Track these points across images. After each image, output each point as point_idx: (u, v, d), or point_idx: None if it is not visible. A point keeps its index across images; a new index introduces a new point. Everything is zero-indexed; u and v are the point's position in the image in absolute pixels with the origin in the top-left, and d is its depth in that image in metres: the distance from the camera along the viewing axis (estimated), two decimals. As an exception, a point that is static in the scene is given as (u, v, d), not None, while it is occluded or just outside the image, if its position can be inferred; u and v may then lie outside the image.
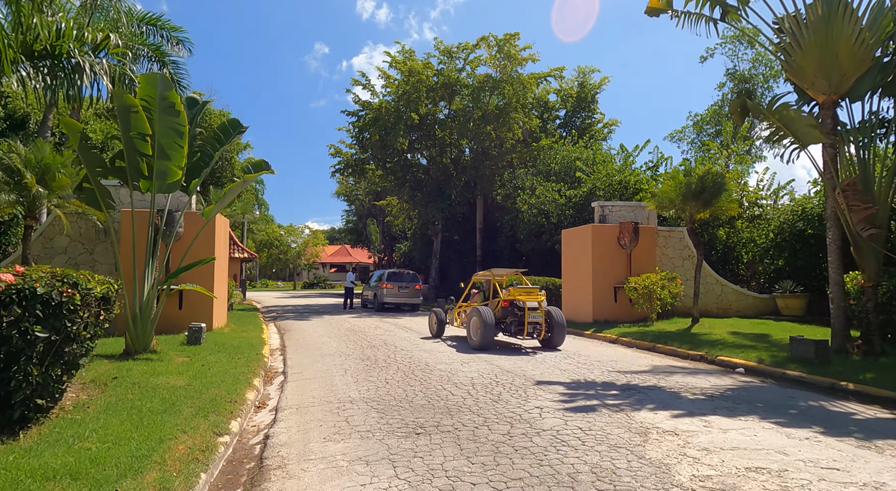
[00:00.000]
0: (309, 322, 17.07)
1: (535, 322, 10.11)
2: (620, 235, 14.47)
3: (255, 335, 12.19)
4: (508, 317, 10.53)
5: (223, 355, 8.65)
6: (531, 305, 10.14)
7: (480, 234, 29.41)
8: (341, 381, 7.43)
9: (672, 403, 6.01)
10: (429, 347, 10.67)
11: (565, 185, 23.39)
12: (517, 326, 10.25)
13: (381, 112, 25.08)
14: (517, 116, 25.52)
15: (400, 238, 44.81)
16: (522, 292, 10.42)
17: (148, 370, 6.89)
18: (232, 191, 8.51)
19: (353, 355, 9.77)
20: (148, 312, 7.98)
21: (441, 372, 7.93)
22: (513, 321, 10.39)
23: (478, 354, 9.67)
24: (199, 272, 12.35)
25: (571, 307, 15.53)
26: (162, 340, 10.18)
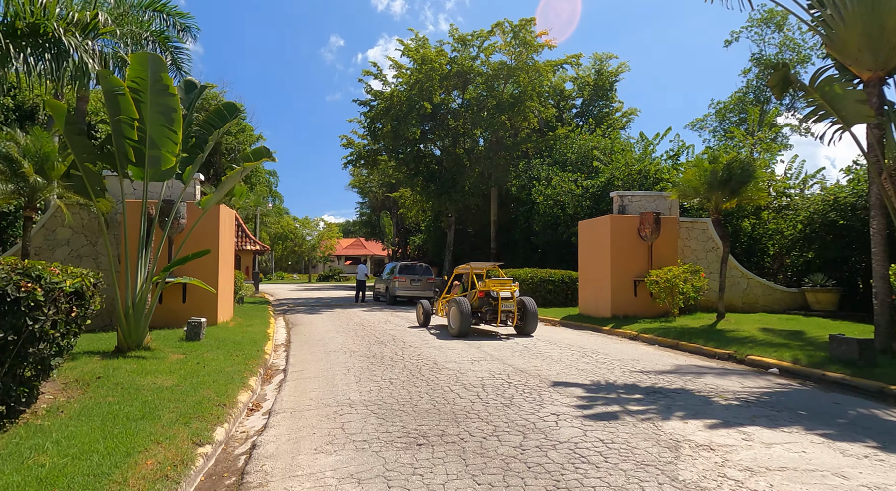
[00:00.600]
0: (319, 316, 16.69)
1: (507, 310, 11.08)
2: (641, 226, 13.79)
3: (260, 330, 11.80)
4: (484, 306, 11.50)
5: (221, 352, 8.24)
6: (504, 295, 11.10)
7: (494, 227, 28.84)
8: (343, 380, 6.96)
9: (703, 409, 5.43)
10: (438, 344, 10.17)
11: (582, 176, 22.67)
12: (492, 315, 11.32)
13: (392, 101, 24.54)
14: (532, 105, 24.79)
15: (414, 231, 44.38)
16: (497, 283, 11.30)
17: (136, 369, 6.48)
18: (231, 179, 8.07)
19: (359, 352, 9.31)
20: (141, 307, 7.59)
21: (450, 371, 7.42)
22: (488, 310, 11.42)
23: (489, 353, 9.15)
24: (202, 265, 11.99)
25: (589, 302, 14.91)
26: (160, 335, 9.83)
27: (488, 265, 12.37)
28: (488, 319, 11.38)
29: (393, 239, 49.67)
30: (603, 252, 14.19)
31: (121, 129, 6.98)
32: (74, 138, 6.86)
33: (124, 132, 6.97)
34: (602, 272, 14.21)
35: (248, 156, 8.24)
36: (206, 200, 8.08)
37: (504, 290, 11.15)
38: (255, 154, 8.31)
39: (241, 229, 29.24)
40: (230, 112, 8.46)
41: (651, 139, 21.40)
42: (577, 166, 24.08)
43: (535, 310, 11.17)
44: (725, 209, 13.29)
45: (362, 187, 52.81)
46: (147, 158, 7.38)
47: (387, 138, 25.93)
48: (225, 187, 8.11)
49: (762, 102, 26.28)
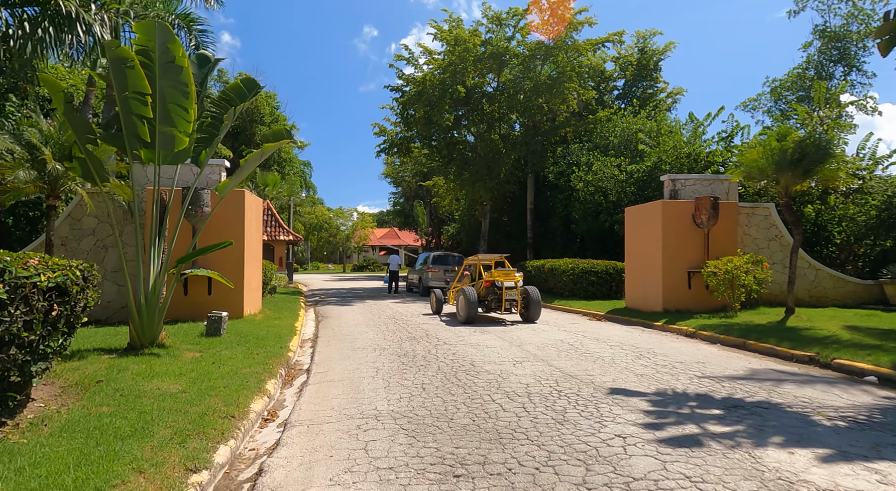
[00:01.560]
0: (350, 308, 16.11)
1: (511, 299, 11.80)
2: (696, 212, 12.57)
3: (287, 324, 11.23)
4: (490, 295, 12.16)
5: (241, 350, 7.63)
6: (508, 284, 11.80)
7: (531, 215, 27.70)
8: (370, 385, 6.22)
9: (806, 433, 4.43)
10: (476, 341, 9.35)
11: (626, 160, 21.34)
12: (496, 303, 11.99)
13: (425, 86, 23.64)
14: (572, 86, 23.49)
15: (447, 220, 43.58)
16: (502, 274, 11.97)
17: (143, 371, 5.88)
18: (250, 162, 7.39)
19: (389, 350, 8.58)
20: (154, 302, 7.02)
21: (489, 375, 6.58)
22: (493, 299, 12.08)
23: (531, 353, 8.26)
24: (227, 256, 11.48)
25: (637, 294, 13.80)
26: (181, 329, 9.32)
27: (495, 256, 13.01)
28: (493, 306, 12.12)
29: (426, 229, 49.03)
30: (653, 241, 13.05)
31: (129, 105, 6.35)
32: (74, 117, 6.28)
33: (133, 109, 6.34)
34: (652, 263, 13.08)
35: (266, 137, 7.53)
36: (224, 186, 7.44)
37: (508, 279, 11.84)
38: (275, 135, 7.61)
39: (273, 219, 29.02)
40: (249, 88, 7.76)
41: (702, 120, 19.88)
42: (619, 151, 22.72)
43: (538, 298, 11.77)
44: (793, 193, 11.96)
45: (395, 177, 52.27)
46: (158, 138, 6.75)
47: (419, 125, 25.07)
48: (244, 171, 7.44)
49: (825, 78, 24.22)
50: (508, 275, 11.94)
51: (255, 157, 7.40)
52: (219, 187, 7.46)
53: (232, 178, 7.43)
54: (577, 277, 17.26)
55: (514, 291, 11.76)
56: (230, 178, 7.41)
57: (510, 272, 12.05)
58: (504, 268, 12.74)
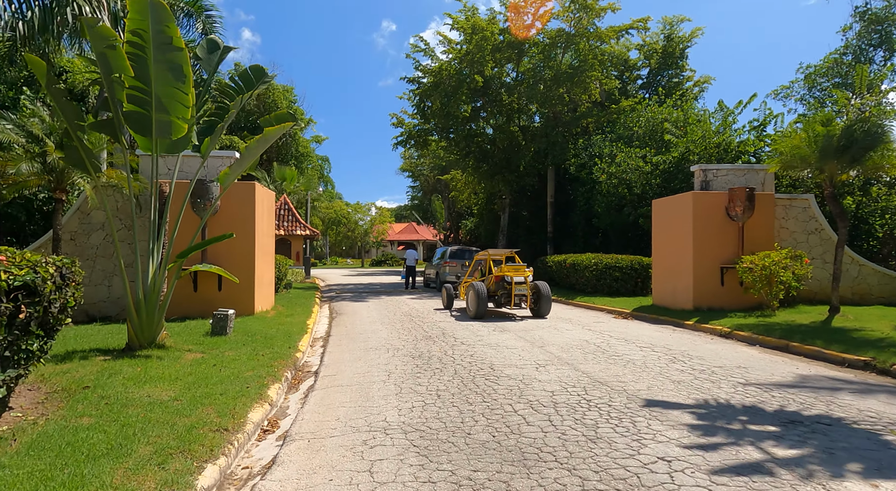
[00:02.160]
0: (365, 304, 15.69)
1: (521, 294, 11.64)
2: (730, 204, 11.81)
3: (299, 321, 10.82)
4: (499, 290, 12.03)
5: (247, 350, 7.20)
6: (517, 279, 11.66)
7: (551, 209, 26.92)
8: (380, 390, 5.72)
9: (886, 459, 3.78)
10: (495, 341, 8.80)
11: (651, 150, 20.50)
12: (506, 298, 11.85)
13: (441, 76, 23.05)
14: (594, 75, 22.67)
15: (466, 214, 42.99)
16: (511, 269, 11.87)
17: (137, 375, 5.47)
18: (251, 150, 6.93)
19: (403, 350, 8.08)
20: (154, 299, 6.61)
21: (510, 380, 6.04)
22: (503, 294, 11.94)
23: (555, 354, 7.69)
24: (236, 250, 11.11)
25: (665, 291, 13.09)
26: (187, 327, 8.94)
27: (505, 251, 13.21)
28: (503, 302, 11.98)
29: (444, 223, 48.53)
30: (683, 235, 12.32)
31: (115, 89, 5.92)
32: (63, 102, 5.88)
33: (118, 93, 5.91)
34: (682, 258, 12.36)
35: (269, 121, 7.06)
36: (225, 175, 6.99)
37: (518, 275, 11.75)
38: (278, 118, 7.13)
39: (290, 214, 28.80)
40: (257, 76, 7.31)
41: (732, 108, 18.95)
42: (644, 141, 21.86)
43: (548, 293, 11.74)
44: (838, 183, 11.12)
45: (413, 171, 51.84)
46: (154, 125, 6.32)
47: (436, 116, 24.49)
48: (246, 159, 6.98)
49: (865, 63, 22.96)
50: (518, 270, 11.91)
51: (257, 144, 6.94)
52: (220, 177, 7.02)
53: (233, 167, 6.98)
54: (600, 273, 16.58)
55: (524, 286, 11.70)
56: (231, 167, 6.96)
57: (520, 267, 12.02)
58: (514, 263, 12.76)
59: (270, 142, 7.14)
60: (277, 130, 6.91)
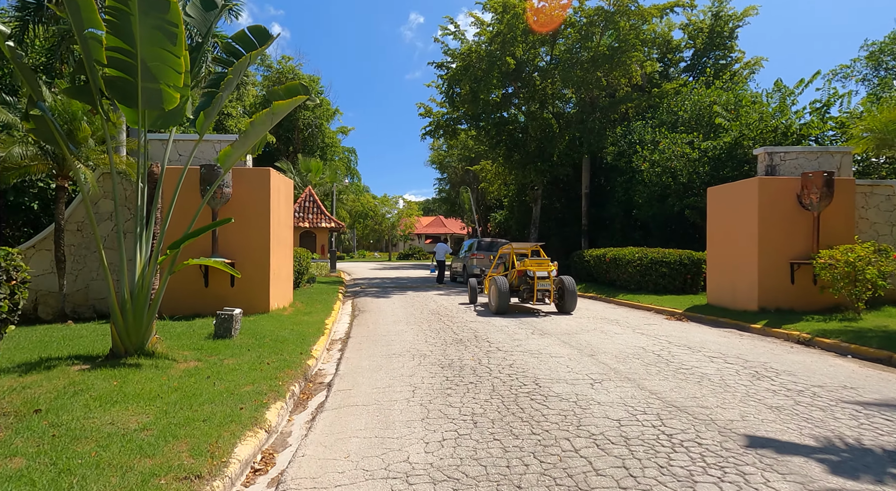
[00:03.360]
0: (390, 300, 14.71)
1: (544, 289, 11.26)
2: (804, 191, 10.35)
3: (317, 320, 9.88)
4: (522, 285, 11.73)
5: (251, 357, 6.25)
6: (541, 274, 11.26)
7: (586, 200, 25.48)
8: (403, 413, 4.67)
9: None
10: (535, 347, 7.66)
11: (699, 136, 18.91)
12: (528, 293, 11.50)
13: (471, 59, 21.84)
14: (635, 55, 21.10)
15: (495, 207, 41.71)
16: (534, 263, 11.50)
17: (109, 392, 4.54)
18: (257, 126, 5.92)
19: (431, 357, 7.02)
20: (142, 297, 5.70)
21: (562, 401, 4.91)
22: (525, 289, 11.60)
23: (611, 366, 6.51)
24: (249, 242, 10.23)
25: (722, 289, 11.71)
26: (190, 328, 8.05)
27: (530, 245, 12.87)
28: (525, 297, 11.63)
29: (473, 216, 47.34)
30: (746, 226, 10.91)
31: (90, 48, 4.98)
32: (21, 64, 4.97)
33: (94, 53, 4.96)
34: (745, 252, 10.95)
35: (277, 93, 6.05)
36: (225, 154, 6.01)
37: (541, 269, 11.35)
38: (287, 91, 6.11)
39: (315, 206, 28.07)
40: (259, 38, 6.29)
41: (792, 88, 17.23)
42: (690, 126, 20.26)
43: (573, 289, 11.36)
44: None
45: (441, 163, 50.68)
46: (140, 94, 5.36)
47: (466, 103, 23.30)
48: (251, 137, 5.99)
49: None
50: (542, 264, 11.50)
51: (264, 119, 5.93)
52: (219, 156, 6.04)
53: (235, 146, 6.00)
54: (645, 269, 15.21)
55: (547, 281, 11.28)
56: (232, 145, 5.98)
57: (543, 261, 11.63)
58: (539, 257, 12.35)
59: (279, 117, 6.12)
60: (288, 105, 5.89)
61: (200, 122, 5.96)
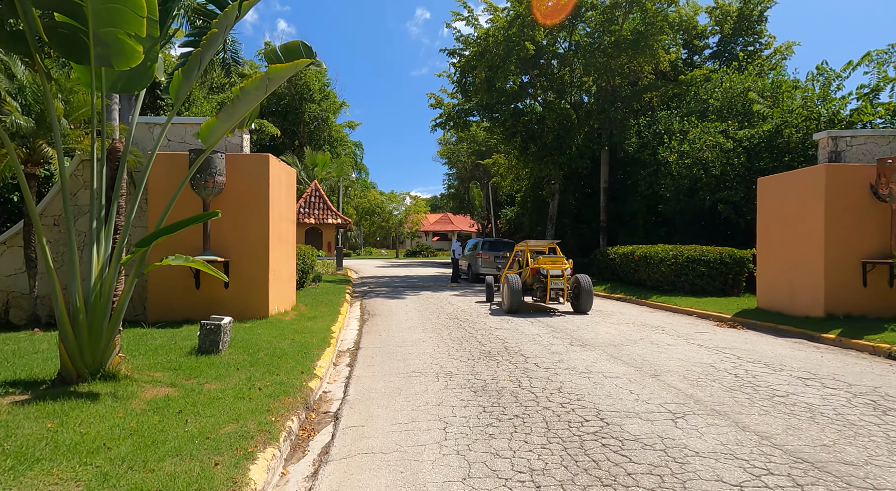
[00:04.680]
0: (402, 302, 13.49)
1: (557, 288, 11.00)
2: (880, 181, 9.01)
3: (322, 327, 8.69)
4: (535, 283, 11.46)
5: (240, 379, 5.04)
6: (554, 272, 11.01)
7: (605, 195, 24.11)
8: (436, 471, 3.44)
9: None
10: (581, 362, 6.42)
11: (734, 125, 17.54)
12: (542, 292, 11.22)
13: (488, 44, 20.55)
14: (663, 39, 19.75)
15: (506, 203, 40.39)
16: (548, 261, 11.23)
17: (35, 440, 3.33)
18: (248, 93, 4.70)
19: (459, 377, 5.80)
20: (100, 306, 4.51)
21: (648, 453, 3.67)
22: (538, 287, 11.34)
23: (687, 393, 5.26)
24: (246, 238, 9.05)
25: (777, 291, 10.41)
26: (171, 339, 6.86)
27: (545, 242, 12.66)
28: (539, 295, 11.43)
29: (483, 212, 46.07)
30: (809, 220, 9.60)
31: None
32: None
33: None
34: (807, 249, 9.65)
35: (274, 54, 4.83)
36: (208, 127, 4.79)
37: (554, 267, 11.13)
38: (286, 52, 4.91)
39: (321, 201, 26.85)
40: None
41: (839, 71, 15.83)
42: (721, 115, 18.89)
43: (589, 288, 11.09)
44: None
45: (450, 157, 49.44)
46: (93, 45, 4.15)
47: (480, 92, 22.01)
48: (239, 108, 4.77)
49: None
50: (556, 262, 11.24)
51: (257, 85, 4.71)
52: (200, 130, 4.82)
53: (221, 117, 4.78)
54: (680, 268, 13.91)
55: (561, 280, 11.02)
56: (217, 115, 4.76)
57: (557, 260, 11.35)
58: (554, 255, 12.08)
59: (276, 84, 4.90)
60: (286, 69, 4.66)
61: (176, 86, 4.75)
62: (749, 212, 16.46)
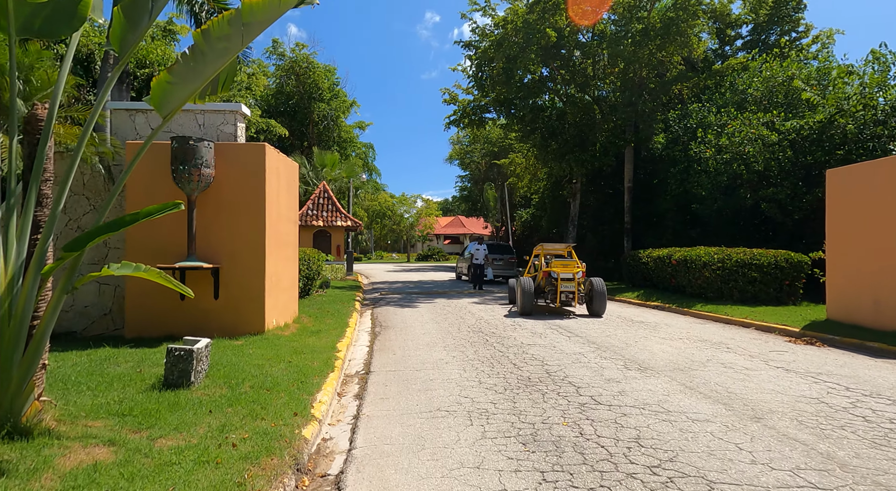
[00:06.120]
0: (417, 311, 12.17)
1: (567, 291, 11.13)
2: None
3: (327, 344, 7.39)
4: (548, 286, 11.62)
5: (210, 427, 3.75)
6: (564, 275, 11.19)
7: (629, 194, 22.57)
8: None
9: None
10: (649, 396, 5.04)
11: (779, 115, 16.03)
12: (552, 295, 11.38)
13: (506, 31, 19.23)
14: (696, 24, 18.30)
15: (521, 204, 38.95)
16: (559, 264, 11.45)
17: None
18: (213, 42, 3.43)
19: (498, 419, 4.45)
20: (8, 336, 3.23)
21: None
22: (550, 290, 11.52)
23: (818, 449, 3.87)
24: (239, 239, 7.79)
25: (857, 300, 8.94)
26: (137, 364, 5.57)
27: (561, 246, 12.84)
28: (550, 298, 11.60)
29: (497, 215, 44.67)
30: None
31: None
32: None
33: None
34: (891, 252, 8.19)
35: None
36: (161, 87, 3.50)
37: (566, 271, 11.31)
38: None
39: (330, 202, 25.65)
40: None
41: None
42: (762, 105, 17.40)
43: (603, 290, 11.15)
44: None
45: (462, 158, 48.14)
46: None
47: (497, 85, 20.69)
48: (207, 60, 3.50)
49: None
50: (567, 266, 11.48)
51: (223, 31, 3.43)
52: (152, 93, 3.53)
53: (176, 73, 3.48)
54: (727, 274, 12.44)
55: (572, 283, 11.20)
56: (171, 70, 3.47)
57: (569, 263, 11.62)
58: (569, 258, 12.32)
59: (253, 32, 3.62)
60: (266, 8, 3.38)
61: (118, 32, 3.48)
62: (797, 211, 14.97)
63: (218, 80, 3.98)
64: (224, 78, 4.06)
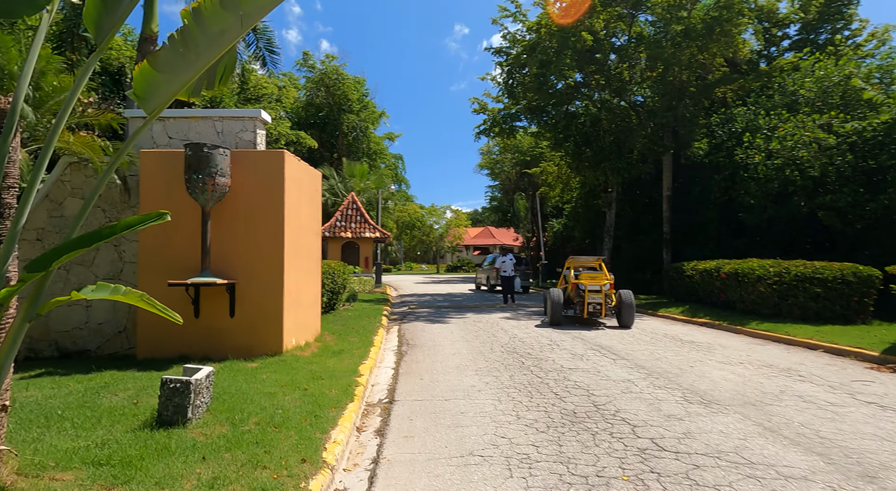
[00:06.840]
0: (446, 328, 11.49)
1: (595, 302, 11.45)
2: None
3: (348, 367, 6.77)
4: (576, 298, 11.94)
5: (199, 480, 3.13)
6: (592, 287, 11.54)
7: (667, 203, 21.41)
8: None
9: None
10: (722, 440, 4.23)
11: (840, 116, 14.84)
12: (580, 306, 11.70)
13: (540, 35, 18.57)
14: (742, 22, 17.28)
15: (552, 215, 37.93)
16: (588, 277, 11.87)
17: None
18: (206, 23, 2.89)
19: (543, 470, 3.73)
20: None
21: None
22: (578, 302, 11.85)
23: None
24: (255, 254, 7.27)
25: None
26: (140, 391, 5.03)
27: (591, 259, 13.21)
28: (578, 310, 11.77)
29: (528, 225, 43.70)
30: None
31: None
32: None
33: None
34: None
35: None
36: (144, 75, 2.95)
37: (593, 283, 11.56)
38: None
39: (358, 214, 25.31)
40: None
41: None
42: (815, 107, 16.21)
43: (631, 302, 11.33)
44: None
45: (492, 169, 47.45)
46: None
47: (530, 91, 20.02)
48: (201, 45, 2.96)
49: None
50: (595, 278, 11.79)
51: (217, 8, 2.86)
52: (134, 84, 2.99)
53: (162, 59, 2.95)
54: (786, 288, 11.36)
55: (599, 295, 11.47)
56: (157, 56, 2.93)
57: (598, 275, 11.96)
58: (598, 270, 12.69)
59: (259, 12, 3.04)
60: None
61: (92, 12, 2.94)
62: (858, 219, 13.73)
63: (216, 71, 3.43)
64: (224, 70, 3.51)
